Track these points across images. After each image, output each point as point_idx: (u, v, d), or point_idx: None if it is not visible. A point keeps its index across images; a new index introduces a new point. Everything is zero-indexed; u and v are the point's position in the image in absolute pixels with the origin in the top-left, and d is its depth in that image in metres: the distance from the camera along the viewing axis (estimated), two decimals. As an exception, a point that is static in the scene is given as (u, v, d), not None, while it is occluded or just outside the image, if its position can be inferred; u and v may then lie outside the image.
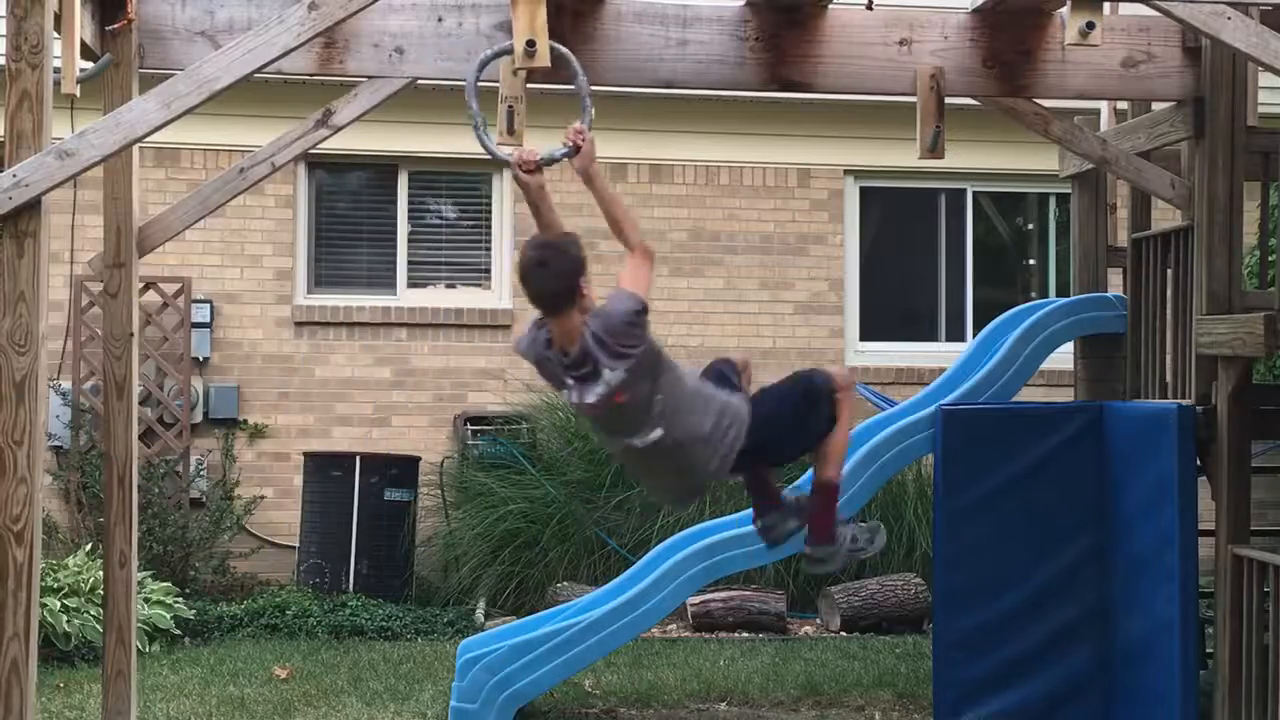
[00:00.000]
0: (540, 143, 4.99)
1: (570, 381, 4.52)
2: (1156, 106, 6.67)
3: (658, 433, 4.56)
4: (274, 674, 7.61)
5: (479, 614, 8.95)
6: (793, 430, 4.85)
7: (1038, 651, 6.47)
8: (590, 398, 4.49)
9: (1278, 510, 9.70)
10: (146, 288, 9.66)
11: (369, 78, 5.64)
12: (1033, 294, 11.08)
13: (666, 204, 10.54)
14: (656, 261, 10.92)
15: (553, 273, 4.45)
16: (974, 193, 10.90)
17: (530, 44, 5.06)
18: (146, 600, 8.21)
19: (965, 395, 7.06)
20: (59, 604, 7.82)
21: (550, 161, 4.73)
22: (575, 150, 4.68)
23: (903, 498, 9.42)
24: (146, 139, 4.84)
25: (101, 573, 5.91)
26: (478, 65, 5.04)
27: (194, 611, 8.60)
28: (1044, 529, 6.50)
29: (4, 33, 4.92)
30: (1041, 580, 6.49)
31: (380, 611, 8.90)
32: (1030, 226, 11.45)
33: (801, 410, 4.85)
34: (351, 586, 9.25)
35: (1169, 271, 6.63)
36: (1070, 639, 6.49)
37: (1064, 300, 7.74)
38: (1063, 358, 7.99)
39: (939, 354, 10.30)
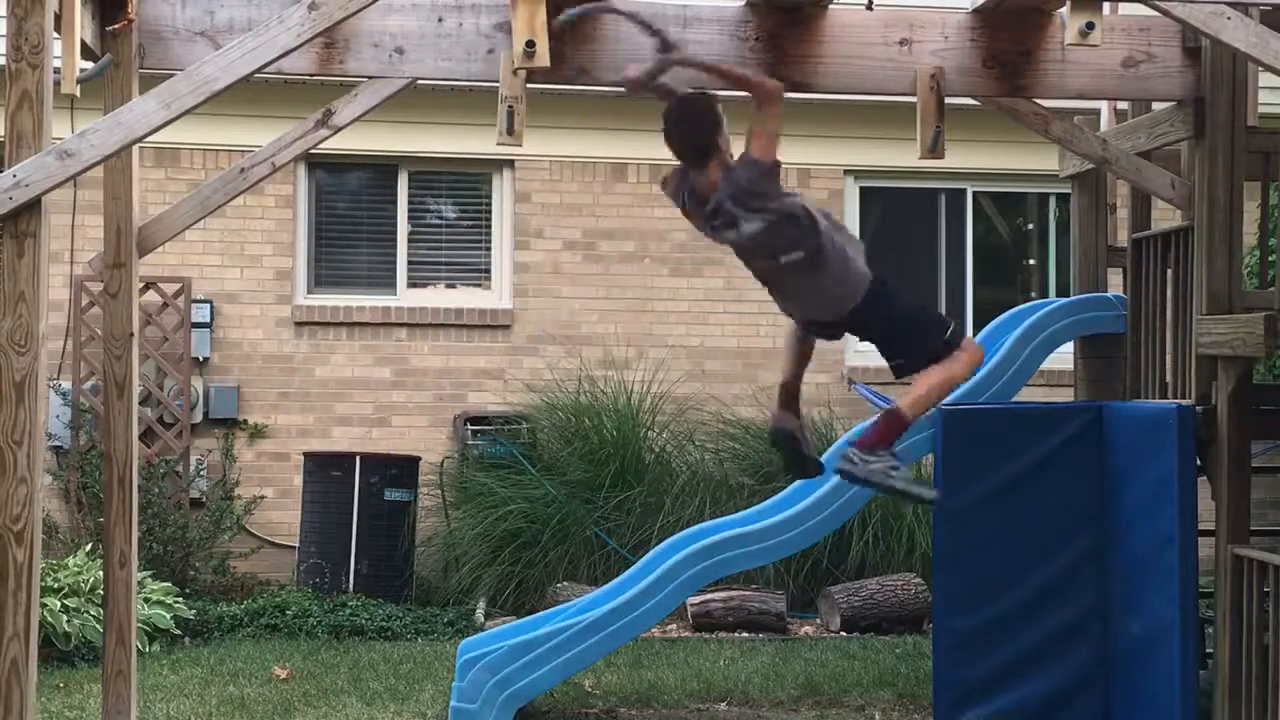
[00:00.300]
0: (542, 142, 5.11)
1: (711, 226, 5.10)
2: (1156, 106, 6.67)
3: (798, 255, 5.00)
4: (274, 674, 7.61)
5: (479, 614, 8.96)
6: (899, 329, 5.19)
7: (1038, 651, 6.47)
8: (725, 240, 5.10)
9: (1278, 510, 9.70)
10: (146, 288, 9.66)
11: (369, 78, 5.64)
12: (1033, 294, 11.08)
13: (667, 204, 10.38)
14: (656, 261, 10.90)
15: (687, 128, 5.03)
16: (974, 193, 10.90)
17: (530, 44, 5.06)
18: (146, 600, 8.21)
19: (965, 395, 7.06)
20: (59, 604, 7.82)
21: (654, 73, 5.11)
22: (664, 54, 5.08)
23: (903, 498, 9.42)
24: (146, 139, 4.84)
25: (101, 573, 5.91)
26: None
27: (194, 611, 8.60)
28: (1044, 529, 6.50)
29: (4, 33, 4.92)
30: (1041, 580, 6.49)
31: (380, 611, 8.90)
32: (1030, 226, 11.45)
33: (920, 325, 5.20)
34: (351, 586, 9.25)
35: (1169, 271, 6.63)
36: (1070, 639, 6.49)
37: (1064, 300, 7.74)
38: (1063, 358, 7.99)
39: (939, 354, 10.29)
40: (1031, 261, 11.44)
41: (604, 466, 9.53)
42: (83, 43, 5.13)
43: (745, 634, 8.85)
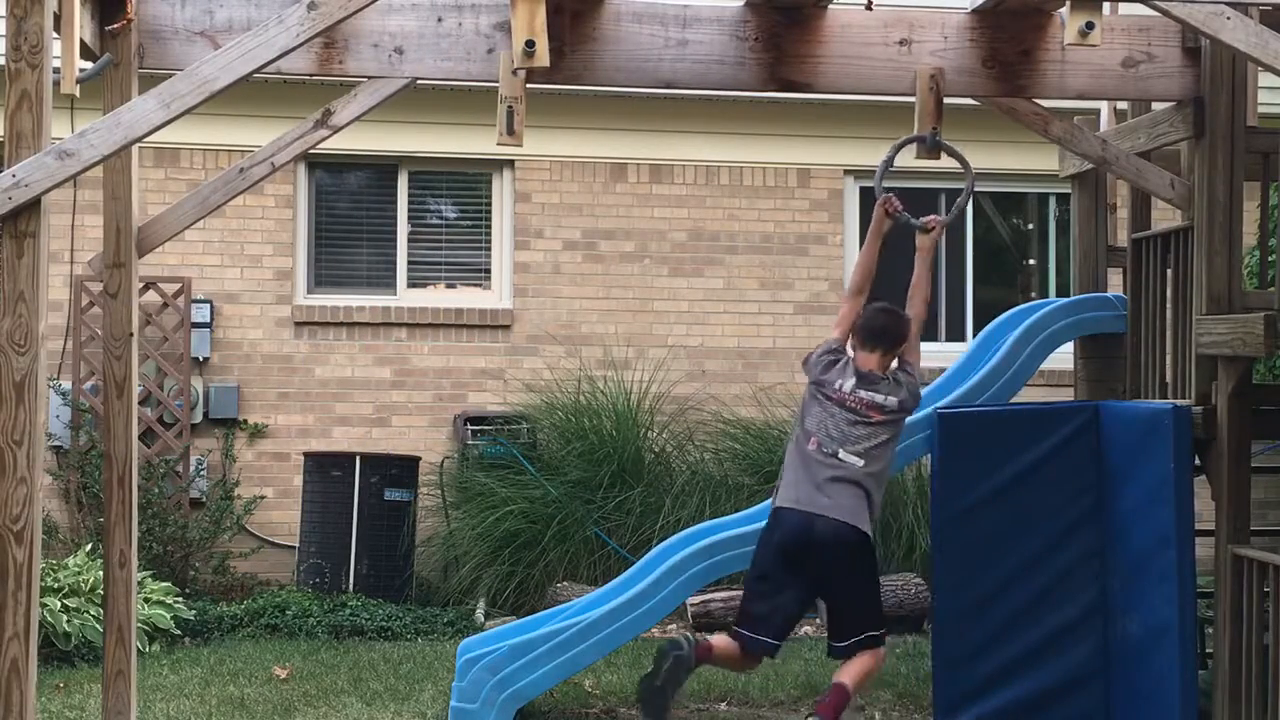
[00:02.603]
0: (542, 142, 5.11)
1: (853, 380, 5.76)
2: (1156, 106, 6.67)
3: (859, 463, 5.67)
4: (274, 674, 7.61)
5: (479, 614, 8.96)
6: (849, 599, 5.76)
7: (1037, 651, 6.47)
8: (861, 393, 5.73)
9: (1278, 510, 9.71)
10: (146, 288, 9.66)
11: (369, 78, 5.64)
12: (1033, 294, 11.08)
13: (666, 204, 10.55)
14: (656, 261, 10.98)
15: (897, 330, 5.87)
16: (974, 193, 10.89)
17: (529, 44, 5.06)
18: (146, 600, 8.21)
19: (965, 396, 7.06)
20: (59, 604, 7.82)
21: (906, 224, 6.15)
22: (926, 231, 6.13)
23: (902, 498, 9.42)
24: (146, 139, 4.85)
25: (101, 573, 5.92)
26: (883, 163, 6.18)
27: (194, 611, 8.60)
28: (1042, 529, 6.49)
29: (4, 33, 4.91)
30: (1040, 580, 6.48)
31: (380, 611, 8.90)
32: (1030, 226, 11.45)
33: (868, 603, 5.78)
34: (351, 586, 9.25)
35: (1169, 271, 6.63)
36: (1069, 638, 6.48)
37: (1064, 300, 7.73)
38: (1063, 358, 7.99)
39: (939, 354, 10.29)
40: (1031, 261, 11.45)
41: (603, 466, 9.53)
42: (82, 43, 5.13)
43: (745, 634, 8.84)
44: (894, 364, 5.90)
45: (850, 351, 5.90)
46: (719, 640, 5.83)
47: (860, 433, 5.70)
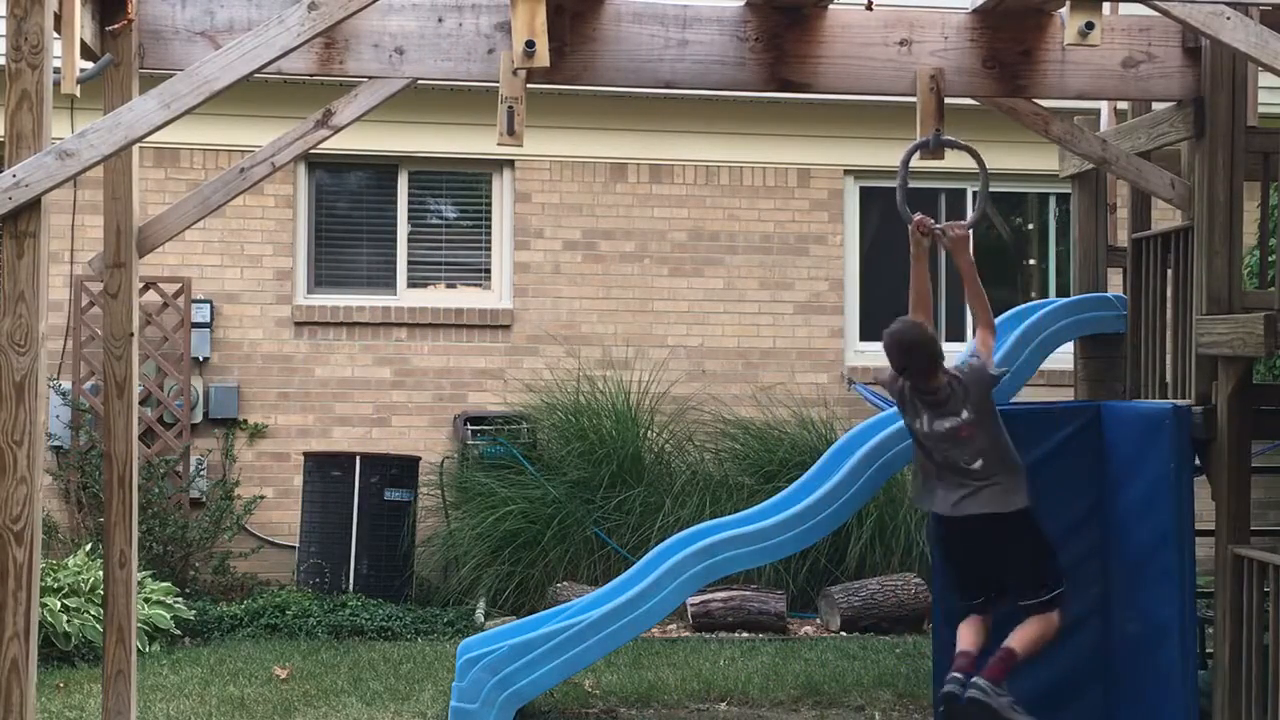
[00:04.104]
0: (542, 142, 5.10)
1: (926, 415, 5.86)
2: (1156, 106, 6.67)
3: (979, 462, 5.80)
4: (274, 674, 7.61)
5: (479, 614, 8.96)
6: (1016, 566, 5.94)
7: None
8: (938, 427, 5.82)
9: (1278, 510, 9.71)
10: (146, 288, 9.67)
11: (369, 78, 5.64)
12: (1033, 294, 11.08)
13: (666, 204, 10.55)
14: (656, 261, 11.00)
15: (919, 344, 5.85)
16: (974, 192, 10.89)
17: (529, 44, 5.06)
18: (146, 600, 8.21)
19: (965, 395, 7.05)
20: (59, 604, 7.82)
21: (944, 236, 6.19)
22: (953, 240, 6.19)
23: (902, 498, 9.43)
24: (146, 139, 4.85)
25: (101, 573, 5.92)
26: (903, 162, 6.07)
27: (194, 611, 8.60)
28: (1043, 528, 6.48)
29: (4, 33, 4.91)
30: (1041, 580, 6.48)
31: (380, 611, 8.90)
32: (1030, 226, 11.45)
33: (1042, 569, 5.94)
34: (351, 586, 9.25)
35: (1169, 271, 6.63)
36: (1069, 638, 6.47)
37: (1064, 300, 7.73)
38: (1063, 358, 7.99)
39: (939, 354, 10.30)
40: (1031, 261, 11.45)
41: (603, 466, 9.53)
42: (83, 43, 5.13)
43: (745, 634, 8.85)
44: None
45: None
46: (968, 641, 5.99)
47: (961, 450, 5.83)
